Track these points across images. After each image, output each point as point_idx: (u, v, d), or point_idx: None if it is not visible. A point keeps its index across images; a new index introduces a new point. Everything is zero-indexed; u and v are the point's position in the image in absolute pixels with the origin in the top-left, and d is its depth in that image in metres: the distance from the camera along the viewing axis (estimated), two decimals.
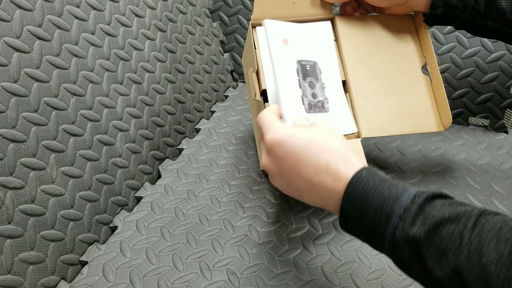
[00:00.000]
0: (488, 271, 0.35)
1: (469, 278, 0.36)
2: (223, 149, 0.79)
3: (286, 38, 0.60)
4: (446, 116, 0.65)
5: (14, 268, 0.53)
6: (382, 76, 0.65)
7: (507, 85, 0.83)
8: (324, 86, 0.62)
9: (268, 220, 0.67)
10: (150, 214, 0.67)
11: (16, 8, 0.58)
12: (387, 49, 0.67)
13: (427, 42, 0.67)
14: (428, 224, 0.39)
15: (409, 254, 0.40)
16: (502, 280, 0.34)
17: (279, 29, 0.60)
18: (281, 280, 0.58)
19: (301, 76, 0.60)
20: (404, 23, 0.68)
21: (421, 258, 0.39)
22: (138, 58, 0.76)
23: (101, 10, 0.71)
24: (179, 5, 0.87)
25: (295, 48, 0.61)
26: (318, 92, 0.61)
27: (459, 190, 0.72)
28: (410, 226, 0.39)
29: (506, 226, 0.36)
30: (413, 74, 0.67)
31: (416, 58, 0.67)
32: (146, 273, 0.59)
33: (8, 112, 0.55)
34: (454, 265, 0.37)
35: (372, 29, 0.67)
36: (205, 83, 0.91)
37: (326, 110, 0.61)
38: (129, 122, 0.72)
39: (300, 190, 0.48)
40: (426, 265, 0.38)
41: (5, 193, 0.53)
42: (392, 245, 0.41)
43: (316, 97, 0.61)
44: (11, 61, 0.56)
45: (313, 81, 0.61)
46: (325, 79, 0.62)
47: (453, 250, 0.37)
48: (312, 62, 0.62)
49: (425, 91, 0.67)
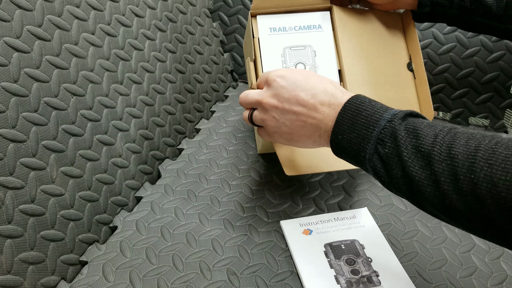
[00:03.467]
0: (456, 160, 0.40)
1: (439, 168, 0.41)
2: (223, 149, 0.79)
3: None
4: (429, 112, 0.66)
5: (14, 268, 0.53)
6: (372, 69, 0.67)
7: (507, 85, 0.83)
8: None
9: (268, 220, 0.67)
10: (150, 214, 0.67)
11: (16, 8, 0.58)
12: (378, 43, 0.68)
13: (413, 40, 0.67)
14: (409, 127, 0.44)
15: (390, 149, 0.45)
16: (468, 167, 0.39)
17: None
18: (281, 280, 0.58)
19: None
20: (393, 20, 0.70)
21: (400, 155, 0.44)
22: (138, 58, 0.76)
23: (101, 10, 0.71)
24: (179, 5, 0.87)
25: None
26: None
27: None
28: (396, 127, 0.45)
29: (474, 134, 0.42)
30: (399, 70, 0.68)
31: (403, 55, 0.69)
32: (146, 273, 0.59)
33: (8, 112, 0.55)
34: (427, 158, 0.42)
35: (366, 21, 0.69)
36: (205, 83, 0.91)
37: None
38: (129, 122, 0.72)
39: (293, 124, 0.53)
40: (403, 160, 0.43)
41: (5, 193, 0.53)
42: (375, 143, 0.46)
43: None
44: (11, 61, 0.56)
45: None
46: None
47: (427, 145, 0.42)
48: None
49: (410, 87, 0.68)
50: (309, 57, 0.66)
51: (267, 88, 0.55)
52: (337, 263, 0.58)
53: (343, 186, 0.72)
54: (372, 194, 0.71)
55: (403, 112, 0.46)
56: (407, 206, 0.69)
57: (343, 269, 0.57)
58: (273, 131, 0.55)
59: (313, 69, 0.66)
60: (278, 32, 0.66)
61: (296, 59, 0.66)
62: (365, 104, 0.48)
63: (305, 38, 0.67)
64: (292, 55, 0.66)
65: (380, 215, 0.67)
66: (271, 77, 0.55)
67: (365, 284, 0.56)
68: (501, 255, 0.62)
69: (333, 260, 0.58)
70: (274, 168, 0.75)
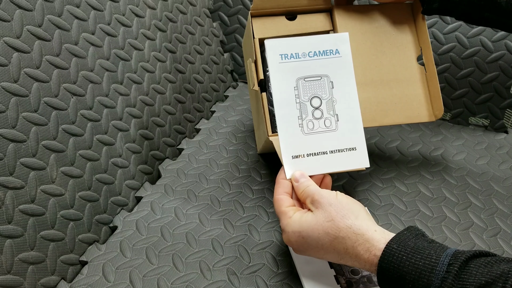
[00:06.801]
0: None
1: None
2: (223, 149, 0.79)
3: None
4: (439, 107, 0.65)
5: (14, 268, 0.53)
6: (376, 68, 0.66)
7: (507, 85, 0.83)
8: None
9: (268, 220, 0.67)
10: (150, 214, 0.67)
11: (16, 8, 0.58)
12: (383, 40, 0.67)
13: (424, 33, 0.67)
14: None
15: None
16: None
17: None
18: (281, 280, 0.58)
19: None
20: (403, 13, 0.68)
21: None
22: (138, 58, 0.76)
23: (101, 10, 0.71)
24: (179, 5, 0.87)
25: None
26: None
27: (459, 190, 0.72)
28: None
29: None
30: (408, 64, 0.67)
31: (412, 49, 0.68)
32: (146, 273, 0.59)
33: (8, 112, 0.55)
34: None
35: (370, 19, 0.68)
36: (205, 83, 0.91)
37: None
38: (129, 122, 0.72)
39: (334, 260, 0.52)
40: None
41: (5, 193, 0.53)
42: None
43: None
44: (11, 61, 0.56)
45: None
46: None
47: None
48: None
49: (419, 82, 0.67)
50: (325, 89, 0.59)
51: (293, 228, 0.52)
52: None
53: (343, 186, 0.72)
54: (372, 194, 0.71)
55: (452, 274, 0.41)
56: (407, 206, 0.69)
57: (343, 269, 0.57)
58: None
59: (330, 103, 0.59)
60: (290, 59, 0.59)
61: (311, 92, 0.59)
62: (405, 266, 0.44)
63: (321, 67, 0.59)
64: (307, 87, 0.59)
65: (380, 215, 0.67)
66: (284, 240, 0.54)
67: (365, 284, 0.56)
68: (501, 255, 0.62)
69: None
70: (274, 168, 0.75)
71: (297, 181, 0.56)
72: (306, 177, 0.56)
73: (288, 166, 0.57)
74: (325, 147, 0.59)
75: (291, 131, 0.58)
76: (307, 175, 0.56)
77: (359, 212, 0.50)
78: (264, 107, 0.65)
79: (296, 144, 0.58)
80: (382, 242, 0.47)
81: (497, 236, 0.65)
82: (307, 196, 0.54)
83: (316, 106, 0.59)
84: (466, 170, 0.76)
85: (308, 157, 0.58)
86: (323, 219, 0.50)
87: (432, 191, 0.71)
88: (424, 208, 0.69)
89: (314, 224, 0.50)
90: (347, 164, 0.59)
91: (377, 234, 0.48)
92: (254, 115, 0.76)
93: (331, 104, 0.59)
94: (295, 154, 0.58)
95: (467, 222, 0.67)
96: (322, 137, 0.59)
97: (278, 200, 0.55)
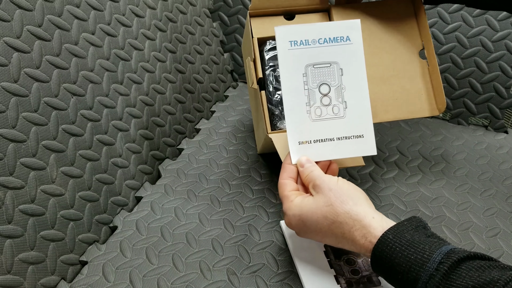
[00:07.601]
0: None
1: None
2: (223, 149, 0.79)
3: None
4: (441, 101, 0.65)
5: (14, 268, 0.53)
6: (376, 64, 0.66)
7: (507, 85, 0.83)
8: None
9: (268, 220, 0.67)
10: (150, 214, 0.67)
11: (16, 8, 0.58)
12: (384, 36, 0.67)
13: (425, 27, 0.67)
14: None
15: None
16: None
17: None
18: (281, 280, 0.58)
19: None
20: (403, 6, 0.68)
21: None
22: (138, 58, 0.76)
23: (101, 10, 0.71)
24: (179, 5, 0.87)
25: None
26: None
27: (459, 190, 0.72)
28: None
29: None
30: (409, 60, 0.67)
31: (414, 43, 0.67)
32: (146, 273, 0.59)
33: (8, 112, 0.55)
34: None
35: (369, 17, 0.67)
36: (205, 83, 0.91)
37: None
38: (129, 122, 0.72)
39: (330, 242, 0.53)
40: None
41: (5, 193, 0.53)
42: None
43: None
44: (11, 61, 0.56)
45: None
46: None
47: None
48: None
49: (420, 76, 0.67)
50: (334, 76, 0.58)
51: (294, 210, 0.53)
52: (337, 263, 0.58)
53: None
54: (372, 194, 0.71)
55: (441, 272, 0.42)
56: (407, 206, 0.69)
57: (343, 269, 0.57)
58: None
59: (339, 91, 0.58)
60: (300, 46, 0.58)
61: (320, 78, 0.58)
62: (397, 257, 0.45)
63: (331, 53, 0.58)
64: (316, 74, 0.58)
65: None
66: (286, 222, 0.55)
67: (365, 284, 0.56)
68: (501, 255, 0.62)
69: (333, 260, 0.58)
70: (274, 168, 0.75)
71: (303, 166, 0.56)
72: (312, 163, 0.56)
73: (294, 152, 0.57)
74: (333, 133, 0.58)
75: (299, 117, 0.57)
76: (312, 161, 0.57)
77: (359, 199, 0.51)
78: (263, 105, 0.65)
79: (303, 130, 0.58)
80: (379, 230, 0.47)
81: (497, 236, 0.65)
82: (310, 181, 0.54)
83: (324, 93, 0.58)
84: (466, 170, 0.76)
85: (315, 143, 0.58)
86: (322, 203, 0.51)
87: (432, 191, 0.71)
88: (424, 208, 0.69)
89: (313, 208, 0.51)
90: (353, 151, 0.58)
91: (375, 221, 0.48)
92: (253, 114, 0.76)
93: (340, 91, 0.58)
94: (302, 140, 0.58)
95: (467, 222, 0.67)
96: (330, 124, 0.58)
97: (282, 184, 0.56)
